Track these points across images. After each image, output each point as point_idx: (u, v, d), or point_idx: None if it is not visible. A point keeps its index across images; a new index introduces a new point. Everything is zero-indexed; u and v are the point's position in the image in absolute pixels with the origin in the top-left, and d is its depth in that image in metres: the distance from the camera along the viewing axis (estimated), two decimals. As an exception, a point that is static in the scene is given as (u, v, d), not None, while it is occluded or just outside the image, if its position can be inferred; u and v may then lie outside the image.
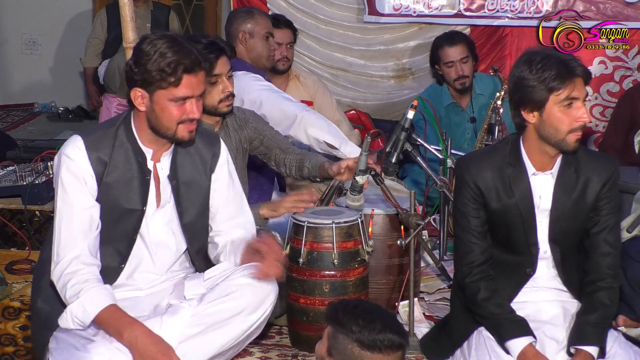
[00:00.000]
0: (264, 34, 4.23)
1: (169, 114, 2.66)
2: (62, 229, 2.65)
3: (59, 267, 2.62)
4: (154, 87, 2.63)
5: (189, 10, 7.95)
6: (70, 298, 2.58)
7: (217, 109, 3.35)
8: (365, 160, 3.20)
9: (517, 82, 2.70)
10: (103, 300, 2.58)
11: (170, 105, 2.65)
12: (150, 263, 2.80)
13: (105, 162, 2.68)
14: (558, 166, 2.79)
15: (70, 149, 2.67)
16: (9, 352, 3.34)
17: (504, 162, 2.80)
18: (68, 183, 2.66)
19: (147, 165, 2.74)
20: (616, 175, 2.81)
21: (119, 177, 2.70)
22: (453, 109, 5.03)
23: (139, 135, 2.73)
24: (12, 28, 7.92)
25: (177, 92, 2.64)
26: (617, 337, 2.78)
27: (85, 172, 2.66)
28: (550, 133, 2.69)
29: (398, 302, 3.35)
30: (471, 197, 2.81)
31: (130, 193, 2.72)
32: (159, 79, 2.62)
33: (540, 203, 2.80)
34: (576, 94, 2.66)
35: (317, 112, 5.08)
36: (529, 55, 2.71)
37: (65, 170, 2.66)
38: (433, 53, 5.05)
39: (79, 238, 2.64)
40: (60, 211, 2.67)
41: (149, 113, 2.68)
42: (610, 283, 2.78)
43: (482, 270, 2.81)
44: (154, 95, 2.65)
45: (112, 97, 6.31)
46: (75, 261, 2.61)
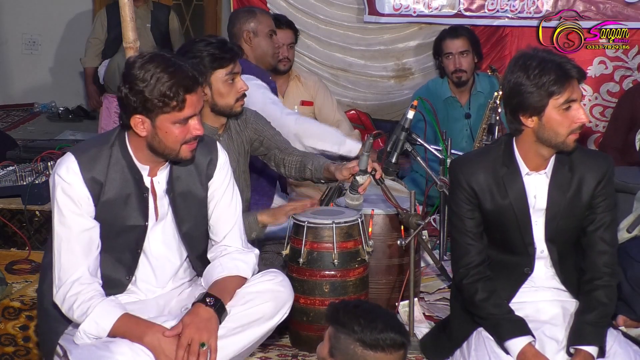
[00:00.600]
0: (267, 32, 4.23)
1: (174, 137, 2.60)
2: (62, 253, 2.61)
3: (62, 291, 2.59)
4: (156, 112, 2.56)
5: (189, 10, 7.95)
6: (80, 317, 2.56)
7: (232, 109, 3.31)
8: (366, 160, 3.20)
9: (514, 87, 2.68)
10: (114, 311, 2.57)
11: (174, 128, 2.59)
12: (152, 277, 2.78)
13: (101, 182, 2.62)
14: (552, 165, 2.79)
15: (64, 171, 2.60)
16: (9, 352, 3.34)
17: (497, 163, 2.80)
18: (64, 205, 2.61)
19: (144, 183, 2.70)
20: (610, 172, 2.81)
21: (117, 195, 2.65)
22: (451, 103, 5.04)
23: (135, 154, 2.67)
24: (12, 28, 7.92)
25: (180, 115, 2.58)
26: (617, 336, 2.78)
27: (81, 194, 2.60)
28: (549, 136, 2.69)
29: (398, 302, 3.35)
30: (465, 199, 2.81)
31: (130, 210, 2.68)
32: (161, 105, 2.55)
33: (536, 203, 2.79)
34: (574, 96, 2.66)
35: (318, 112, 5.11)
36: (524, 59, 2.68)
37: (61, 193, 2.60)
38: (436, 45, 5.10)
39: (79, 260, 2.61)
40: (59, 234, 2.62)
41: (150, 137, 2.61)
42: (607, 281, 2.78)
43: (479, 272, 2.81)
44: (156, 121, 2.58)
45: (112, 97, 6.31)
46: (77, 284, 2.58)
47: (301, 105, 5.07)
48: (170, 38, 6.63)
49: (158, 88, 2.53)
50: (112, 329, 2.55)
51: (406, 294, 3.27)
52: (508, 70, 2.73)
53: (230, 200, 2.85)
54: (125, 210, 2.67)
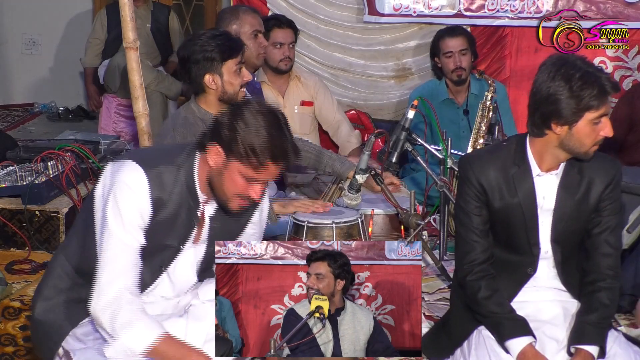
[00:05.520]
0: (250, 33, 4.18)
1: (234, 186, 2.53)
2: (116, 260, 2.49)
3: (106, 298, 2.47)
4: (235, 157, 2.49)
5: (189, 10, 7.95)
6: (121, 327, 2.46)
7: (237, 96, 3.42)
8: (366, 159, 3.20)
9: (553, 95, 2.63)
10: (158, 329, 2.50)
11: (239, 179, 2.51)
12: (169, 290, 2.72)
13: (164, 203, 2.56)
14: (562, 167, 2.79)
15: (133, 180, 2.51)
16: (9, 352, 3.34)
17: (508, 162, 2.79)
18: (127, 214, 2.50)
19: (197, 211, 2.64)
20: (619, 176, 2.82)
21: (169, 217, 2.59)
22: (448, 105, 5.04)
23: (199, 180, 2.60)
24: (12, 28, 7.92)
25: (253, 174, 2.50)
26: (617, 337, 2.78)
27: (144, 208, 2.53)
28: (574, 145, 2.69)
29: (398, 302, 3.35)
30: (474, 195, 2.81)
31: (172, 231, 2.62)
32: (242, 155, 2.47)
33: (544, 203, 2.79)
34: (607, 110, 2.66)
35: (318, 112, 5.11)
36: (567, 68, 2.63)
37: (127, 201, 2.50)
38: (434, 45, 5.10)
39: (129, 271, 2.52)
40: (115, 241, 2.50)
41: (216, 172, 2.54)
42: (610, 283, 2.78)
43: (483, 269, 2.81)
44: (229, 162, 2.50)
45: (112, 97, 6.32)
46: (125, 292, 2.49)
47: (301, 105, 5.07)
48: (170, 38, 6.63)
49: (251, 139, 2.45)
50: (152, 347, 2.46)
51: (406, 293, 3.26)
52: (545, 76, 2.66)
53: (256, 236, 2.84)
54: (169, 231, 2.61)
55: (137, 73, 3.90)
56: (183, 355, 2.48)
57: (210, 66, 3.34)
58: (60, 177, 3.99)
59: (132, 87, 3.93)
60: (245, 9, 4.37)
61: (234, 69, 3.38)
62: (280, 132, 2.49)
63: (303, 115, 5.07)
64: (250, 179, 2.50)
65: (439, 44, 5.03)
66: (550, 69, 2.66)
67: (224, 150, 2.50)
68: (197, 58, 3.33)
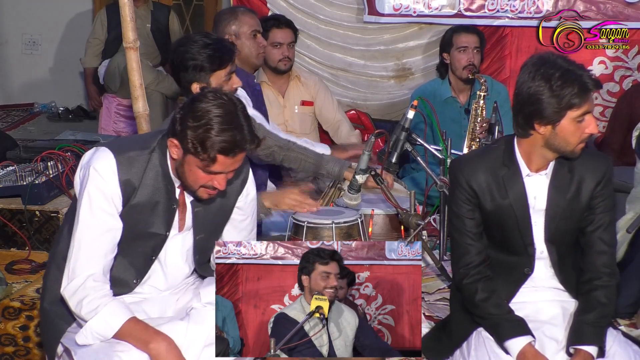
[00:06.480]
0: (250, 33, 4.16)
1: (194, 178, 2.56)
2: (83, 245, 2.56)
3: (74, 283, 2.56)
4: (188, 151, 2.51)
5: (189, 10, 7.95)
6: (87, 314, 2.53)
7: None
8: (367, 159, 3.20)
9: (534, 95, 2.64)
10: (124, 312, 2.56)
11: (198, 171, 2.55)
12: (162, 281, 2.77)
13: (135, 186, 2.59)
14: (552, 166, 2.79)
15: (101, 166, 2.56)
16: (9, 352, 3.34)
17: (497, 163, 2.79)
18: (96, 200, 2.56)
19: (175, 195, 2.67)
20: (610, 173, 2.81)
21: (146, 202, 2.62)
22: (450, 104, 5.01)
23: (171, 165, 2.64)
24: (12, 28, 7.93)
25: (208, 167, 2.53)
26: (617, 336, 2.78)
27: (114, 193, 2.57)
28: (560, 144, 2.69)
29: (398, 302, 3.35)
30: (465, 199, 2.81)
31: (155, 218, 2.66)
32: (193, 151, 2.49)
33: (535, 203, 2.79)
34: (590, 108, 2.66)
35: (318, 112, 5.11)
36: (546, 68, 2.63)
37: (95, 188, 2.56)
38: (445, 40, 5.03)
39: (98, 257, 2.58)
40: (85, 226, 2.57)
41: (178, 164, 2.58)
42: (606, 281, 2.78)
43: (479, 272, 2.81)
44: (186, 156, 2.53)
45: (112, 97, 6.32)
46: (91, 279, 2.55)
47: (301, 105, 5.07)
48: (170, 38, 6.63)
49: (201, 134, 2.46)
50: (119, 330, 2.53)
51: (406, 294, 3.26)
52: (526, 76, 2.67)
53: (247, 222, 2.86)
54: (151, 218, 2.65)
55: (137, 73, 3.90)
56: (148, 337, 2.53)
57: (198, 76, 3.27)
58: (60, 177, 3.99)
59: (132, 87, 3.93)
60: (243, 9, 4.37)
61: (223, 78, 3.29)
62: (232, 124, 2.48)
63: (303, 115, 5.07)
64: (207, 171, 2.53)
65: (453, 38, 4.95)
66: (531, 69, 2.66)
67: (179, 143, 2.53)
68: (186, 65, 3.28)
